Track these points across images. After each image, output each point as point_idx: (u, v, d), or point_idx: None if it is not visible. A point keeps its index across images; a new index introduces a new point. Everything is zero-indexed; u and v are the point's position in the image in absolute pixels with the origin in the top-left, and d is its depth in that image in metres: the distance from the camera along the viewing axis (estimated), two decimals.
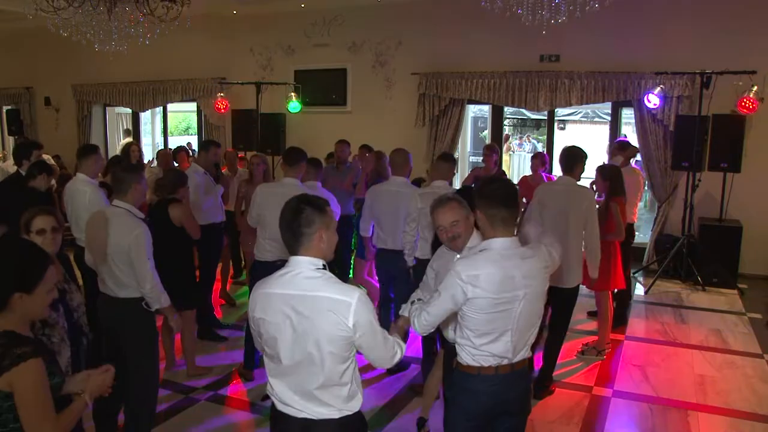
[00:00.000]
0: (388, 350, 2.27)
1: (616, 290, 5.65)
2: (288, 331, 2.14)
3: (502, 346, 2.50)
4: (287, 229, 2.17)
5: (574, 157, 4.54)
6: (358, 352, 2.23)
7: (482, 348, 2.50)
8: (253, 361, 4.76)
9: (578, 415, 4.23)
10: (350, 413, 2.21)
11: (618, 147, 6.47)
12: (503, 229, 2.51)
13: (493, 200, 2.51)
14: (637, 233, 6.78)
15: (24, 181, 5.17)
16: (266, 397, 2.36)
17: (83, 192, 4.81)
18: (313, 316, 2.11)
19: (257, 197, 4.66)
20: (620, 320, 5.94)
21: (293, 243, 2.18)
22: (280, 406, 2.24)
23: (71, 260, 4.83)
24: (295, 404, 2.19)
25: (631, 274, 7.75)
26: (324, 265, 2.20)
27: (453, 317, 2.62)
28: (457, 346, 2.59)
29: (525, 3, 6.21)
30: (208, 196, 5.66)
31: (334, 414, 2.18)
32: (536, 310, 2.58)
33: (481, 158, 7.62)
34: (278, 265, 4.42)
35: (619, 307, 5.91)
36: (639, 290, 7.30)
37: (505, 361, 2.52)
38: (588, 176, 5.39)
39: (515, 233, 2.58)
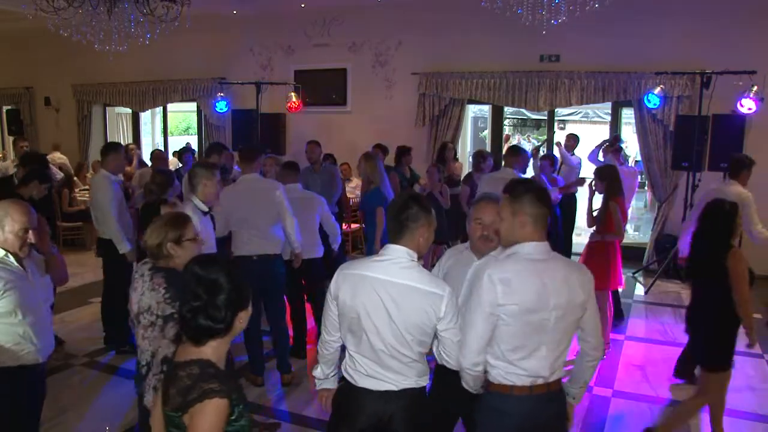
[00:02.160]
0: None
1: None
2: (380, 312, 2.32)
3: (537, 363, 2.31)
4: (394, 219, 2.38)
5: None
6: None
7: (516, 364, 2.31)
8: (261, 366, 4.69)
9: (578, 415, 4.23)
10: (425, 385, 2.47)
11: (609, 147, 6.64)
12: (535, 231, 2.32)
13: (527, 199, 2.31)
14: (636, 233, 6.81)
15: (14, 186, 5.01)
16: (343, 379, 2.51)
17: (101, 188, 5.00)
18: (406, 304, 2.30)
19: (223, 202, 4.45)
20: (618, 315, 6.02)
21: (396, 233, 2.39)
22: (361, 381, 2.41)
23: None
24: (379, 377, 2.38)
25: (632, 275, 7.79)
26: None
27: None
28: (487, 364, 2.37)
29: (525, 3, 6.22)
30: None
31: (412, 384, 2.41)
32: (573, 323, 2.36)
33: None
34: (254, 260, 4.45)
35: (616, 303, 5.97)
36: (639, 290, 7.30)
37: (540, 380, 2.33)
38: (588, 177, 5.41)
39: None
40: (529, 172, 6.85)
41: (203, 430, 1.67)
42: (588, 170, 7.35)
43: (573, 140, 8.39)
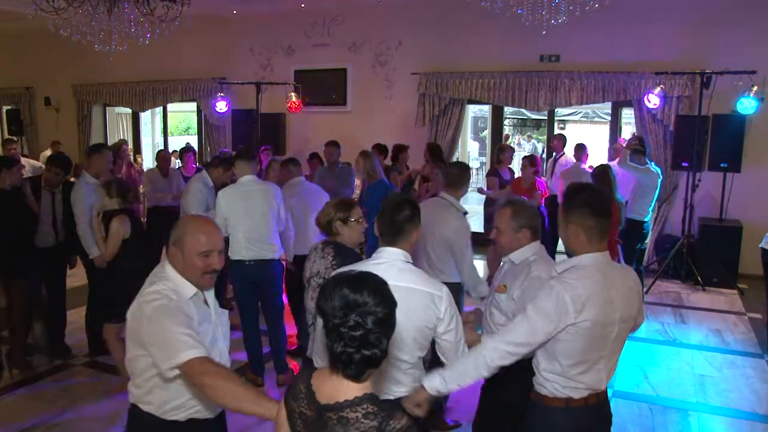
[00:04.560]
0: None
1: None
2: None
3: (595, 375, 2.24)
4: (388, 222, 2.37)
5: None
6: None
7: (575, 378, 2.22)
8: (261, 366, 4.68)
9: None
10: None
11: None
12: (599, 242, 2.21)
13: (588, 209, 2.19)
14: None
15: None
16: None
17: (75, 192, 4.91)
18: (409, 307, 2.18)
19: (222, 203, 4.50)
20: None
21: (391, 235, 2.38)
22: None
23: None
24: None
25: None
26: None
27: None
28: (540, 377, 2.29)
29: (525, 3, 6.22)
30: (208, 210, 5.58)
31: (405, 393, 2.31)
32: (626, 333, 2.32)
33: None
34: (250, 264, 4.41)
35: None
36: None
37: (593, 392, 2.27)
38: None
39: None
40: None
41: None
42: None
43: (559, 141, 8.40)
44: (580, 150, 7.56)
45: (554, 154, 8.37)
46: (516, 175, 7.49)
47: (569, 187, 2.36)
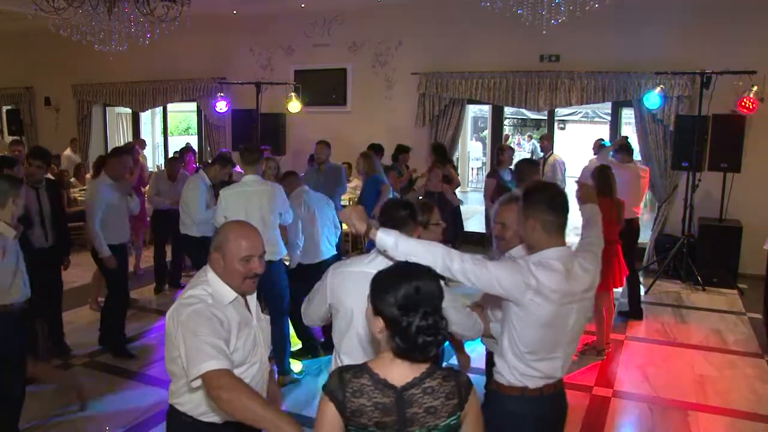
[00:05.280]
0: (472, 323, 2.49)
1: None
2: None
3: (552, 364, 2.32)
4: (387, 219, 2.40)
5: None
6: None
7: (532, 365, 2.30)
8: None
9: (578, 415, 4.23)
10: None
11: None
12: (558, 237, 2.30)
13: (548, 205, 2.28)
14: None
15: None
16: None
17: (88, 193, 5.07)
18: None
19: (222, 202, 4.52)
20: (638, 315, 6.14)
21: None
22: None
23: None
24: None
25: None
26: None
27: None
28: (498, 365, 2.38)
29: (525, 3, 6.22)
30: (207, 209, 5.62)
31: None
32: (584, 323, 2.41)
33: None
34: None
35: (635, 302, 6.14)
36: (639, 290, 7.28)
37: (551, 381, 2.35)
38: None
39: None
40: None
41: (480, 414, 1.78)
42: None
43: (548, 141, 8.53)
44: (601, 147, 7.64)
45: (542, 153, 8.51)
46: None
47: (528, 185, 2.49)
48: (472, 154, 14.86)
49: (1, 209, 3.43)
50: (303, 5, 9.58)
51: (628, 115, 8.95)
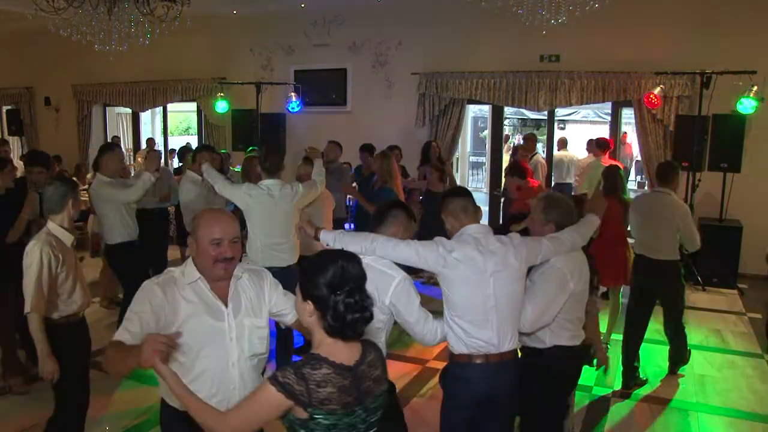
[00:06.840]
0: (428, 327, 2.66)
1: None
2: None
3: (488, 332, 2.61)
4: (376, 217, 2.87)
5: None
6: None
7: (472, 334, 2.62)
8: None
9: (578, 415, 4.22)
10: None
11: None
12: (465, 217, 2.76)
13: (448, 196, 2.87)
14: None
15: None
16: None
17: (98, 194, 4.92)
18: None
19: (245, 197, 4.44)
20: None
21: (375, 225, 2.83)
22: None
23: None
24: None
25: None
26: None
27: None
28: (449, 335, 2.69)
29: (525, 3, 6.22)
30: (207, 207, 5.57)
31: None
32: (515, 295, 2.69)
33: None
34: (274, 271, 4.46)
35: None
36: None
37: (493, 349, 2.63)
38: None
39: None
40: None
41: None
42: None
43: (532, 141, 8.60)
44: (599, 146, 7.89)
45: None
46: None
47: (444, 195, 2.96)
48: (471, 155, 14.84)
49: (58, 213, 3.28)
50: (303, 5, 9.57)
51: (628, 115, 8.95)
